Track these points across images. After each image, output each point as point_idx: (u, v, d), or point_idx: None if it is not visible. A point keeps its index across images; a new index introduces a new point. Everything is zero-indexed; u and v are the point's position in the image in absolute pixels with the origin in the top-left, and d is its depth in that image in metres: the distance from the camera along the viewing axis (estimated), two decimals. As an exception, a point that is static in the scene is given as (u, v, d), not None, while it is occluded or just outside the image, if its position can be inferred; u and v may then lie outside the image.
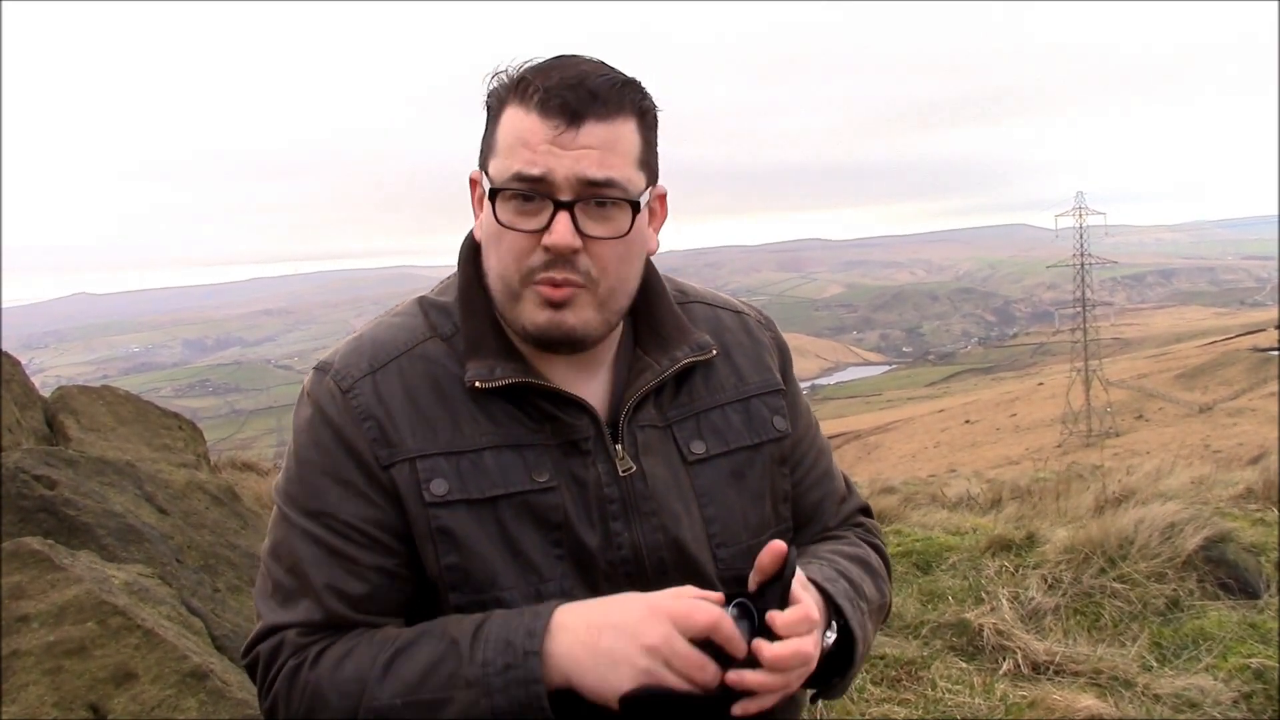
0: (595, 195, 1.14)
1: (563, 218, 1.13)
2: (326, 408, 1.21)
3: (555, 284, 1.16)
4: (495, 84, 1.19)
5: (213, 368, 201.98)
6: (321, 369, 1.25)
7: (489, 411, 1.21)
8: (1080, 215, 67.43)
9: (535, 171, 1.13)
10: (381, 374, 1.22)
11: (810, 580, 1.19)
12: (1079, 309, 64.68)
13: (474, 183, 1.24)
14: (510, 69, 1.19)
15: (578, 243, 1.14)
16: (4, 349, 4.42)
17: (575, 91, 1.12)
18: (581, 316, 1.18)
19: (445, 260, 1.33)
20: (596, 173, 1.13)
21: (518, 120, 1.14)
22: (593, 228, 1.15)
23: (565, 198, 1.13)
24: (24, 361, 4.78)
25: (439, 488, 1.17)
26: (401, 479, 1.18)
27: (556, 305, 1.17)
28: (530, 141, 1.13)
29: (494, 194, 1.15)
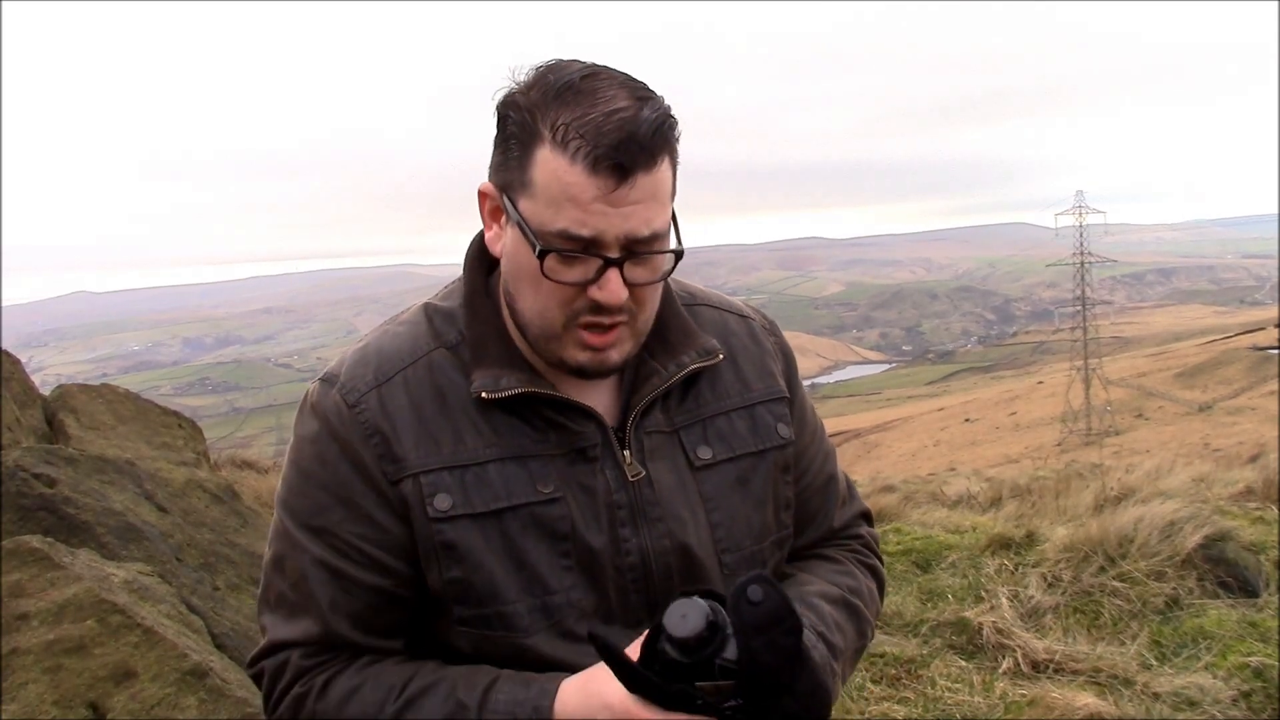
0: (642, 250, 1.13)
1: (613, 275, 1.12)
2: (333, 422, 1.20)
3: (603, 330, 1.16)
4: (518, 101, 1.13)
5: (212, 366, 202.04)
6: (327, 381, 1.24)
7: (493, 423, 1.20)
8: (1080, 214, 67.44)
9: (586, 234, 1.10)
10: (387, 387, 1.21)
11: None
12: (1079, 307, 64.67)
13: (484, 195, 1.20)
14: (533, 88, 1.12)
15: (626, 295, 1.14)
16: (4, 347, 4.42)
17: (625, 149, 1.07)
18: (622, 351, 1.19)
19: (446, 259, 1.32)
20: (645, 230, 1.11)
21: (560, 171, 1.09)
22: (638, 276, 1.15)
23: (614, 255, 1.12)
24: (24, 360, 4.78)
25: (442, 502, 1.17)
26: (408, 493, 1.18)
27: (599, 348, 1.17)
28: (579, 199, 1.08)
29: (543, 253, 1.11)
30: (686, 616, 0.98)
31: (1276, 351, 56.62)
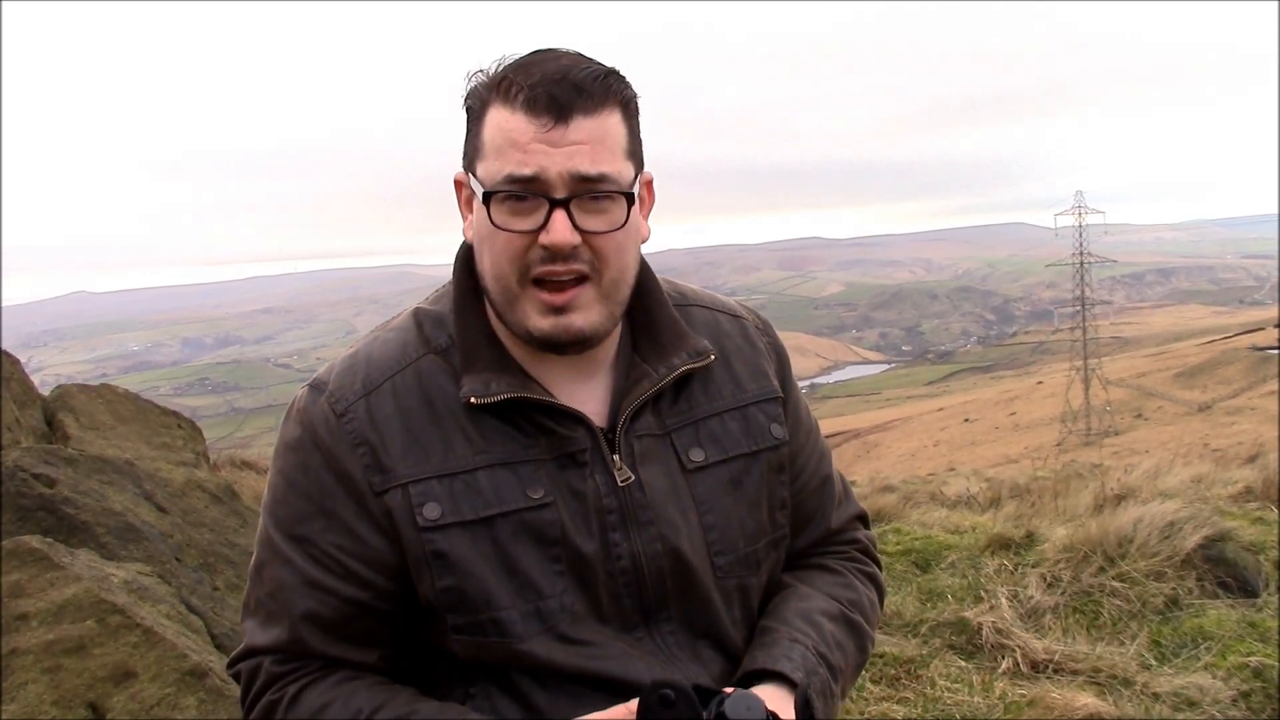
0: (590, 191, 1.13)
1: (559, 216, 1.12)
2: (319, 431, 1.20)
3: (558, 286, 1.15)
4: (474, 84, 1.18)
5: (212, 366, 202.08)
6: (316, 388, 1.24)
7: (483, 429, 1.20)
8: (1079, 214, 67.39)
9: (527, 171, 1.11)
10: (375, 395, 1.21)
11: (789, 677, 1.20)
12: (1078, 308, 64.64)
13: (459, 184, 1.23)
14: (488, 68, 1.17)
15: (576, 239, 1.13)
16: (3, 347, 4.42)
17: (560, 87, 1.11)
18: (588, 316, 1.17)
19: (446, 259, 1.33)
20: (590, 168, 1.12)
21: (503, 120, 1.13)
22: (589, 222, 1.14)
23: (560, 195, 1.12)
24: (23, 360, 4.78)
25: (432, 511, 1.17)
26: (395, 504, 1.17)
27: (560, 309, 1.16)
28: (519, 141, 1.11)
29: (487, 197, 1.13)
30: (751, 708, 1.05)
31: (1276, 351, 56.63)
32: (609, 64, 1.17)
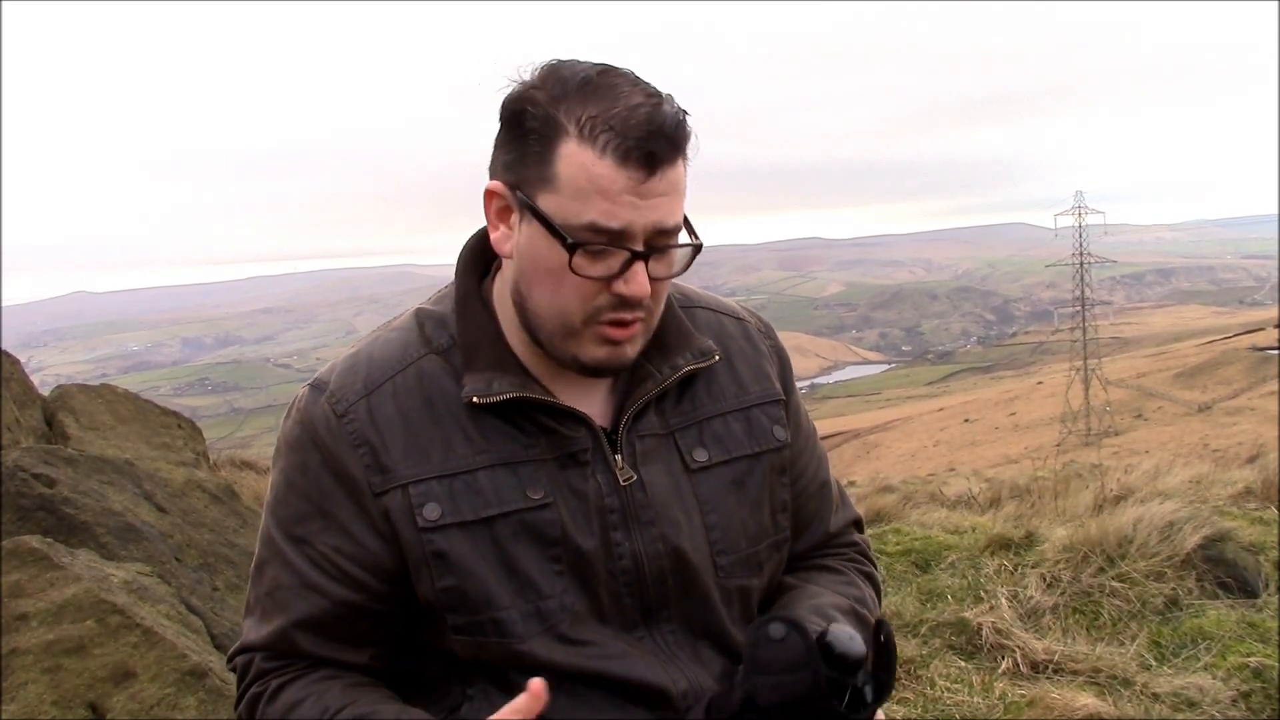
0: (667, 244, 1.15)
1: (640, 269, 1.13)
2: (320, 430, 1.20)
3: (624, 324, 1.16)
4: (537, 104, 1.12)
5: (212, 366, 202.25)
6: (317, 388, 1.24)
7: (483, 428, 1.20)
8: (1079, 214, 67.37)
9: (615, 225, 1.10)
10: (376, 395, 1.21)
11: None
12: (1078, 308, 64.65)
13: (492, 194, 1.19)
14: (547, 85, 1.12)
15: (649, 289, 1.15)
16: (3, 347, 4.42)
17: (656, 141, 1.09)
18: (636, 347, 1.20)
19: (446, 259, 1.33)
20: (669, 221, 1.13)
21: (588, 164, 1.09)
22: (659, 270, 1.16)
23: (640, 248, 1.12)
24: (23, 360, 4.78)
25: (431, 512, 1.17)
26: (394, 505, 1.17)
27: (618, 342, 1.18)
28: (608, 191, 1.09)
29: (573, 247, 1.11)
30: (852, 639, 1.06)
31: (1276, 352, 56.64)
32: (666, 92, 1.14)
